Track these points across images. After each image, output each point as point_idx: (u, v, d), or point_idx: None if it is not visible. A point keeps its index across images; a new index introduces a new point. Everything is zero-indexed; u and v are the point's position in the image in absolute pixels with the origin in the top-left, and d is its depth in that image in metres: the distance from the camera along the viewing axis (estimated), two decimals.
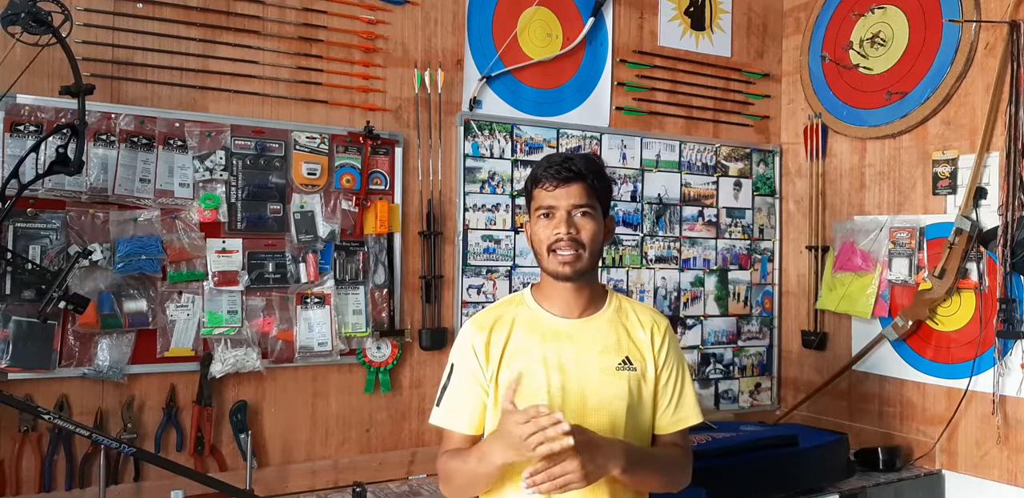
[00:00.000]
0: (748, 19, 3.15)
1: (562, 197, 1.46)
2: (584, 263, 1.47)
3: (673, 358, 1.56)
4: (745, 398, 3.07)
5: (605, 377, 1.48)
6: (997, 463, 2.38)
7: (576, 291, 1.51)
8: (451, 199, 2.53)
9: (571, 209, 1.46)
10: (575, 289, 1.51)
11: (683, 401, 1.55)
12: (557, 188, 1.46)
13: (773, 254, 3.16)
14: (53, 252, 1.96)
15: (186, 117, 2.14)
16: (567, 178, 1.46)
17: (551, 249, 1.47)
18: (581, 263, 1.46)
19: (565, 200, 1.46)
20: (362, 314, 2.35)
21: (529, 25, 2.69)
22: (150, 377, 2.10)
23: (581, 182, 1.46)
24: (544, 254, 1.48)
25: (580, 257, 1.46)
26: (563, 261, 1.45)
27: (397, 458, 2.40)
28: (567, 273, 1.46)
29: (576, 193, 1.46)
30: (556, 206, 1.47)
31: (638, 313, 1.57)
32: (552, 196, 1.47)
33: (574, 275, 1.47)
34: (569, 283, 1.49)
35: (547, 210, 1.48)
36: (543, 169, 1.48)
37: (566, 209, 1.46)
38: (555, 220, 1.46)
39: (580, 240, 1.46)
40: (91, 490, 1.98)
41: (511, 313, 1.54)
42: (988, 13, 2.45)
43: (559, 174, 1.46)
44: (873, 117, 2.78)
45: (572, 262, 1.45)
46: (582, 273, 1.48)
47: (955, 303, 2.49)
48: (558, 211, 1.46)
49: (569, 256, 1.45)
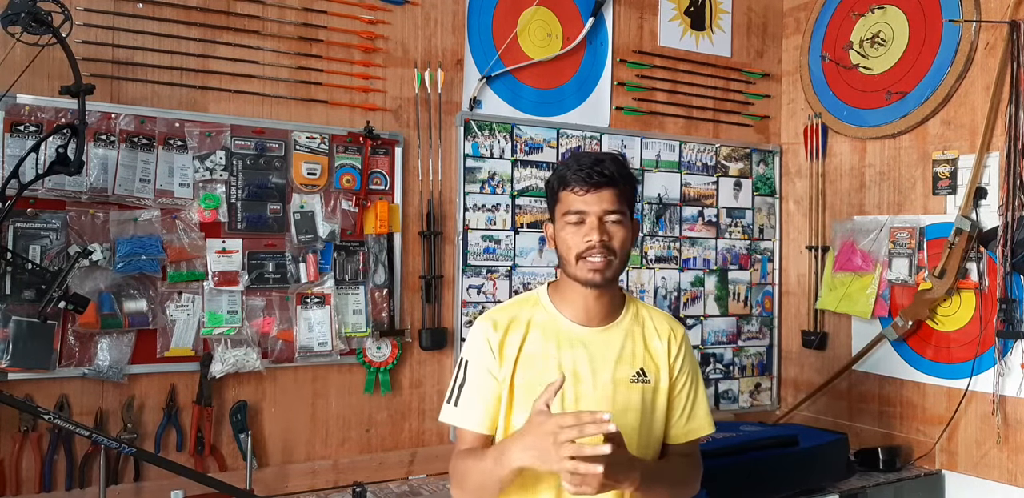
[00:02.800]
0: (748, 19, 3.15)
1: (593, 203, 1.41)
2: (614, 270, 1.43)
3: (688, 368, 1.54)
4: (745, 398, 3.07)
5: (619, 389, 1.46)
6: (997, 463, 2.38)
7: (597, 297, 1.48)
8: (451, 199, 2.53)
9: (603, 215, 1.41)
10: (597, 295, 1.47)
11: (696, 412, 1.54)
12: (588, 193, 1.41)
13: (773, 254, 3.16)
14: (53, 252, 1.96)
15: (186, 117, 2.14)
16: (599, 183, 1.40)
17: (581, 256, 1.42)
18: (611, 270, 1.42)
19: (597, 206, 1.41)
20: (362, 314, 2.35)
21: (529, 25, 2.69)
22: (150, 377, 2.10)
23: (613, 187, 1.41)
24: (572, 261, 1.43)
25: (611, 264, 1.42)
26: (594, 268, 1.41)
27: (397, 458, 2.40)
28: (596, 281, 1.42)
29: (608, 199, 1.41)
30: (587, 211, 1.41)
31: (655, 321, 1.55)
32: (583, 201, 1.41)
33: (603, 283, 1.43)
34: (595, 290, 1.46)
35: (577, 215, 1.42)
36: (572, 172, 1.42)
37: (597, 215, 1.41)
38: (586, 226, 1.41)
39: (612, 247, 1.42)
40: (91, 490, 1.98)
41: (527, 314, 1.50)
42: (988, 13, 2.45)
43: (591, 178, 1.40)
44: (873, 117, 2.78)
45: (603, 270, 1.41)
46: (611, 281, 1.44)
47: (955, 303, 2.49)
48: (589, 217, 1.41)
49: (600, 263, 1.41)
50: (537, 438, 1.20)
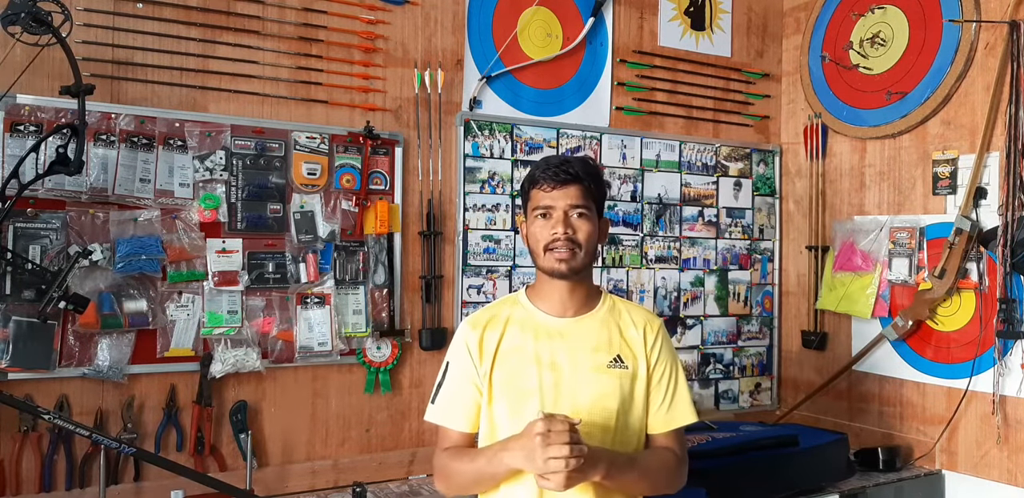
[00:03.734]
0: (748, 19, 3.15)
1: (559, 198, 1.50)
2: (579, 261, 1.50)
3: (666, 356, 1.57)
4: (745, 398, 3.07)
5: (596, 375, 1.50)
6: (997, 463, 2.38)
7: (570, 290, 1.54)
8: (451, 199, 2.53)
9: (568, 209, 1.49)
10: (569, 288, 1.54)
11: (676, 400, 1.56)
12: (555, 189, 1.50)
13: (773, 254, 3.16)
14: (53, 252, 1.96)
15: (186, 117, 2.14)
16: (565, 180, 1.49)
17: (548, 248, 1.50)
18: (576, 261, 1.49)
19: (562, 201, 1.49)
20: (362, 314, 2.35)
21: (529, 25, 2.69)
22: (150, 377, 2.10)
23: (578, 184, 1.50)
24: (540, 253, 1.51)
25: (576, 255, 1.49)
26: (559, 258, 1.48)
27: (397, 458, 2.40)
28: (563, 270, 1.49)
29: (573, 194, 1.50)
30: (553, 206, 1.50)
31: (631, 313, 1.59)
32: (550, 197, 1.50)
33: (569, 272, 1.50)
34: (564, 281, 1.52)
35: (544, 210, 1.51)
36: (541, 170, 1.52)
37: (563, 209, 1.49)
38: (552, 220, 1.50)
39: (576, 240, 1.49)
40: (91, 490, 1.98)
41: (505, 312, 1.57)
42: (988, 13, 2.45)
43: (557, 176, 1.49)
44: (873, 117, 2.78)
45: (568, 259, 1.48)
46: (577, 271, 1.51)
47: (955, 303, 2.49)
48: (555, 211, 1.50)
49: (565, 254, 1.48)
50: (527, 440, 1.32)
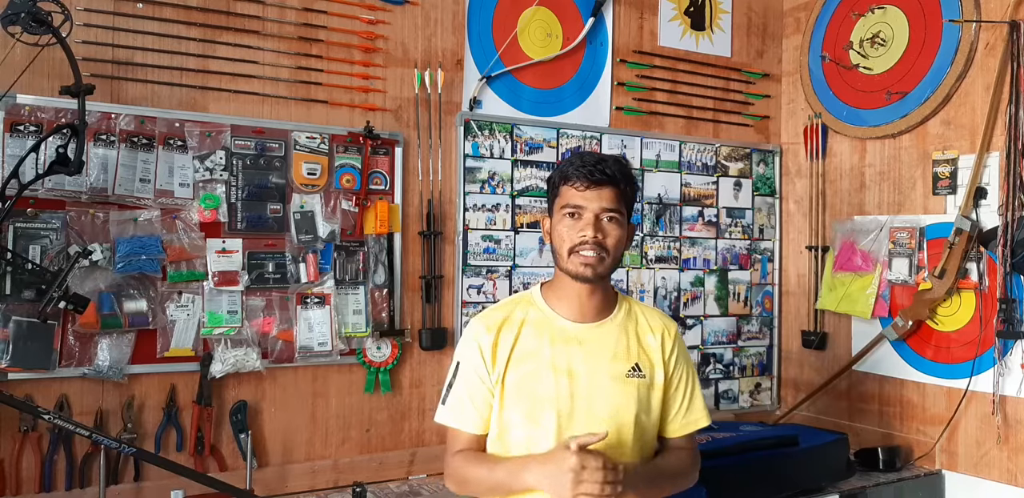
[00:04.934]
0: (748, 19, 3.15)
1: (592, 199, 1.43)
2: (605, 267, 1.45)
3: (683, 363, 1.56)
4: (745, 398, 3.07)
5: (615, 385, 1.47)
6: (997, 463, 2.38)
7: (590, 293, 1.49)
8: (451, 199, 2.53)
9: (600, 212, 1.44)
10: (589, 291, 1.49)
11: (693, 405, 1.56)
12: (588, 189, 1.43)
13: (773, 254, 3.16)
14: (53, 252, 1.96)
15: (186, 117, 2.14)
16: (600, 180, 1.43)
17: (573, 250, 1.44)
18: (603, 267, 1.45)
19: (595, 202, 1.43)
20: (362, 314, 2.35)
21: (529, 25, 2.69)
22: (150, 377, 2.10)
23: (613, 186, 1.44)
24: (564, 254, 1.46)
25: (603, 261, 1.44)
26: (585, 262, 1.43)
27: (397, 458, 2.40)
28: (587, 275, 1.44)
29: (607, 197, 1.44)
30: (585, 207, 1.44)
31: (648, 317, 1.56)
32: (582, 196, 1.44)
33: (594, 278, 1.45)
34: (586, 285, 1.47)
35: (574, 210, 1.45)
36: (575, 167, 1.45)
37: (595, 212, 1.43)
38: (582, 221, 1.44)
39: (605, 245, 1.44)
40: (91, 490, 1.98)
41: (520, 313, 1.52)
42: (988, 13, 2.45)
43: (592, 175, 1.43)
44: (873, 117, 2.78)
45: (594, 265, 1.43)
46: (602, 277, 1.47)
47: (955, 303, 2.49)
48: (586, 213, 1.44)
49: (592, 259, 1.43)
50: (557, 470, 1.29)
